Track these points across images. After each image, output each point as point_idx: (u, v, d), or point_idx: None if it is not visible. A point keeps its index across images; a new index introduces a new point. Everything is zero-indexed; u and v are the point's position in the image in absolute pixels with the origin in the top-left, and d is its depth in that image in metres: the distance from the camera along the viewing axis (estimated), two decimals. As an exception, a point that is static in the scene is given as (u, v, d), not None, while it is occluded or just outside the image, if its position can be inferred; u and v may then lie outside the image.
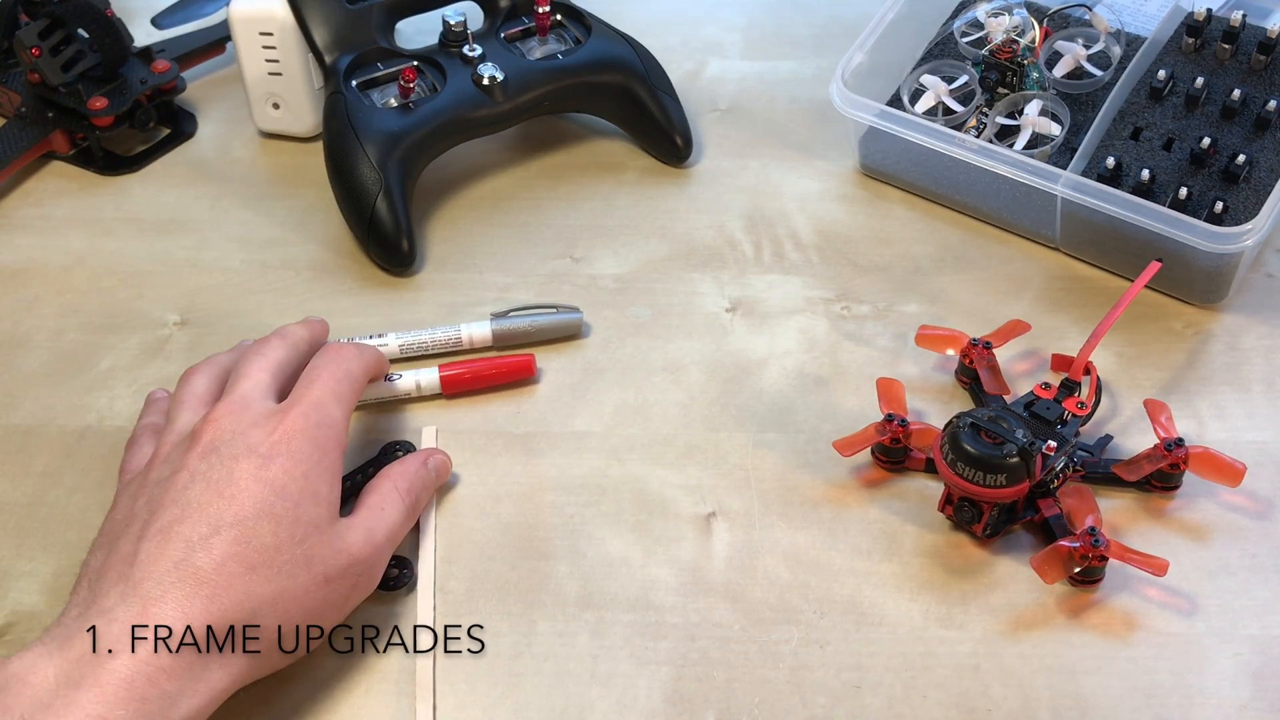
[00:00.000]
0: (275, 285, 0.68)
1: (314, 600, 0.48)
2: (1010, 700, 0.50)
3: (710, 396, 0.62)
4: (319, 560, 0.48)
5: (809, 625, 0.53)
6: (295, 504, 0.48)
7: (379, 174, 0.67)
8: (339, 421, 0.52)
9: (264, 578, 0.47)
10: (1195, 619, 0.52)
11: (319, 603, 0.48)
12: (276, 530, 0.47)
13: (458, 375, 0.62)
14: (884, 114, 0.69)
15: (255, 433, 0.50)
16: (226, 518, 0.47)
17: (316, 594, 0.48)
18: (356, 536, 0.50)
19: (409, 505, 0.54)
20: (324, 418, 0.51)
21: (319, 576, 0.48)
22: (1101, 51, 0.70)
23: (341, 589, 0.49)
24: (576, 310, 0.65)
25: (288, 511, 0.48)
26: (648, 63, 0.75)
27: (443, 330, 0.64)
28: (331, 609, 0.49)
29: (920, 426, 0.58)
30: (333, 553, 0.49)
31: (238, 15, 0.72)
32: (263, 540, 0.47)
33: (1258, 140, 0.65)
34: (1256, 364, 0.63)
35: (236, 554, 0.46)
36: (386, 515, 0.52)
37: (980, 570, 0.54)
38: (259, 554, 0.47)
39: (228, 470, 0.48)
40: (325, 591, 0.49)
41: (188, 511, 0.47)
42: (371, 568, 0.51)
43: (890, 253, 0.69)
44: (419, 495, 0.55)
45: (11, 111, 0.76)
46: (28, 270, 0.70)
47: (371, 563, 0.51)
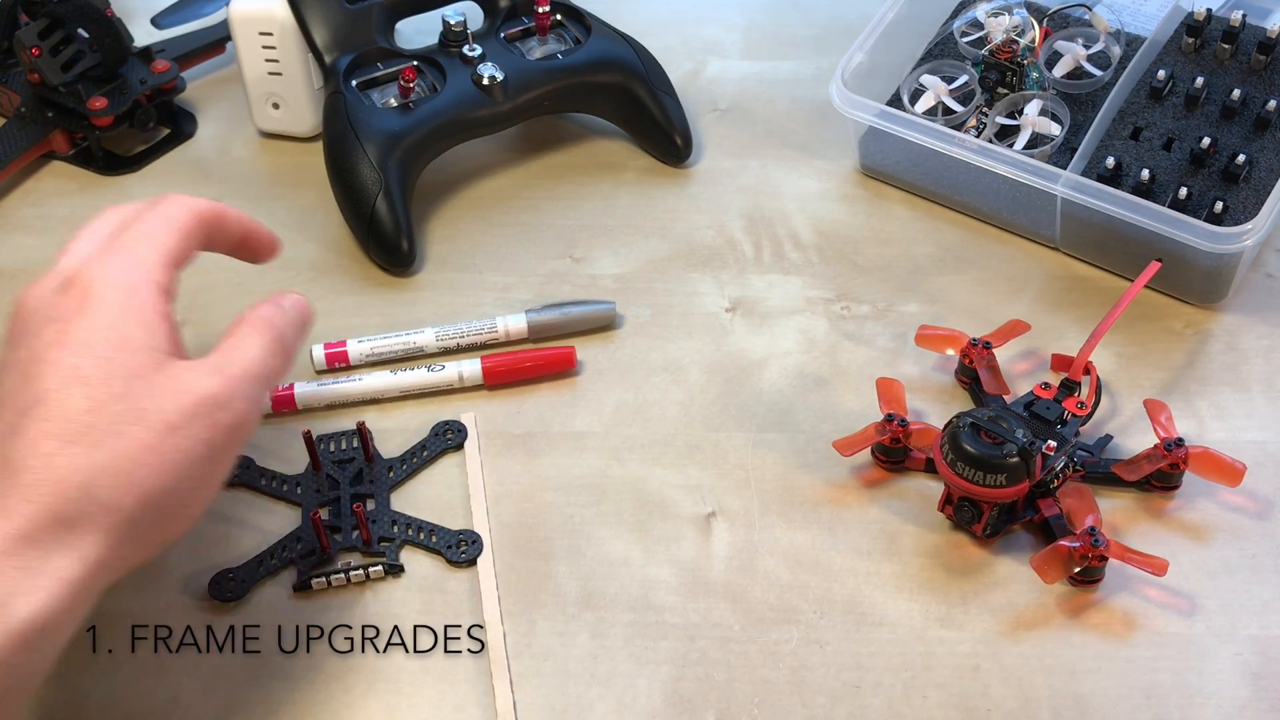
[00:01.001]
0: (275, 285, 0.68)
1: (164, 457, 0.43)
2: (1010, 700, 0.50)
3: (710, 396, 0.62)
4: (154, 409, 0.43)
5: (809, 625, 0.53)
6: (105, 358, 0.43)
7: (379, 174, 0.67)
8: (150, 260, 0.46)
9: (87, 446, 0.42)
10: (1195, 619, 0.52)
11: (173, 457, 0.43)
12: (89, 392, 0.42)
13: (499, 366, 0.62)
14: (884, 114, 0.69)
15: (56, 300, 0.45)
16: (30, 397, 0.43)
17: (164, 448, 0.43)
18: (201, 373, 0.45)
19: (269, 340, 0.48)
20: (131, 260, 0.46)
21: (159, 426, 0.43)
22: (1101, 51, 0.70)
23: (196, 435, 0.44)
24: (610, 302, 0.65)
25: (97, 368, 0.43)
26: (648, 63, 0.75)
27: (479, 323, 0.64)
28: (194, 462, 0.44)
29: (920, 426, 0.58)
30: (170, 395, 0.44)
31: (238, 15, 0.72)
32: (75, 406, 0.42)
33: (1258, 140, 0.65)
34: (1256, 364, 0.63)
35: (48, 431, 0.42)
36: (242, 348, 0.47)
37: (980, 570, 0.54)
38: (73, 424, 0.42)
39: (29, 349, 0.44)
40: (175, 441, 0.43)
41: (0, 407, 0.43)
42: (230, 402, 0.45)
43: (890, 253, 0.69)
44: (282, 331, 0.49)
45: (11, 111, 0.76)
46: (28, 270, 0.70)
47: (229, 397, 0.45)
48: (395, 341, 0.64)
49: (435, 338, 0.64)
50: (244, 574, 0.54)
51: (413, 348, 0.64)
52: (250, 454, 0.59)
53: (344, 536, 0.56)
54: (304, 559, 0.55)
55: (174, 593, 0.54)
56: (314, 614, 0.53)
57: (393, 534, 0.56)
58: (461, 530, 0.56)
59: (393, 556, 0.55)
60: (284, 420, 0.61)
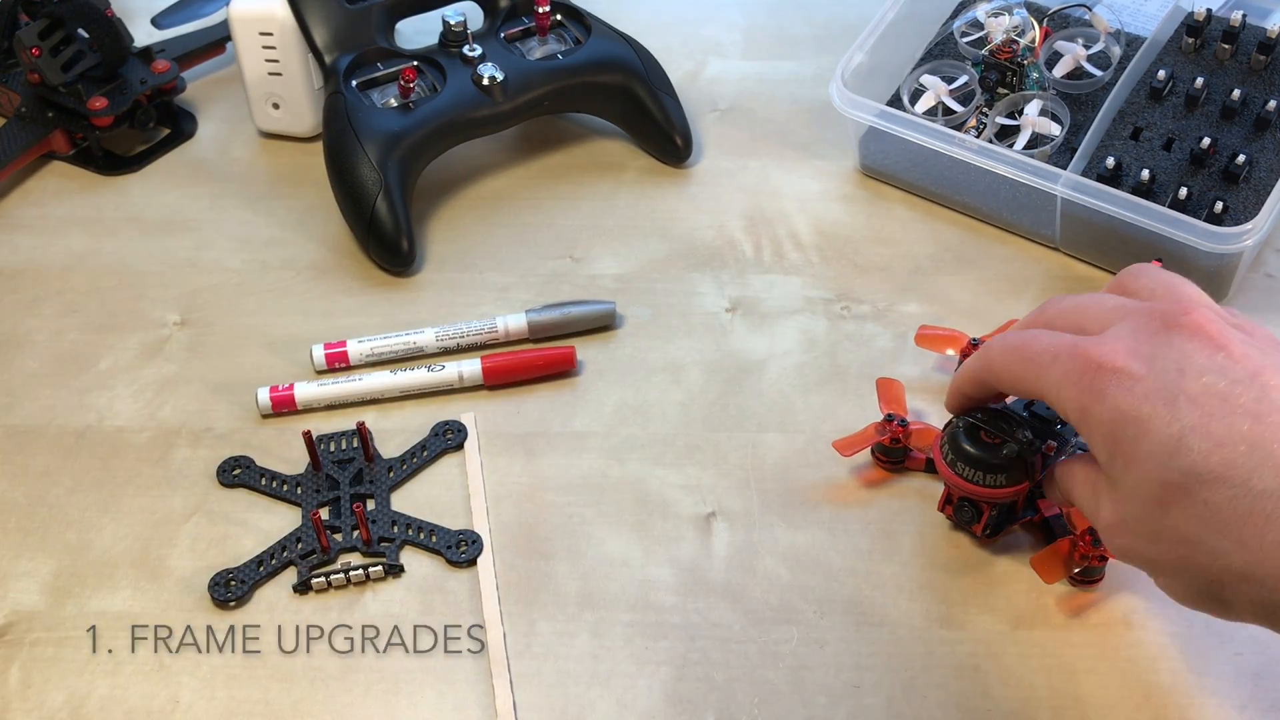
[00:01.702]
0: (275, 285, 0.68)
1: None
2: (1010, 700, 0.50)
3: (710, 396, 0.62)
4: None
5: (809, 625, 0.53)
6: None
7: (379, 174, 0.67)
8: None
9: None
10: (1195, 619, 0.52)
11: None
12: None
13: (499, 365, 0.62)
14: (884, 114, 0.69)
15: None
16: None
17: None
18: None
19: None
20: None
21: None
22: (1101, 51, 0.70)
23: None
24: (610, 302, 0.65)
25: None
26: (648, 63, 0.75)
27: (479, 323, 0.64)
28: None
29: (920, 426, 0.58)
30: None
31: (238, 15, 0.72)
32: None
33: (1258, 140, 0.65)
34: (1256, 364, 0.63)
35: None
36: None
37: (980, 570, 0.54)
38: None
39: None
40: None
41: None
42: None
43: (890, 253, 0.69)
44: None
45: (11, 111, 0.76)
46: (28, 270, 0.70)
47: None
48: (395, 341, 0.64)
49: (435, 338, 0.64)
50: (244, 574, 0.54)
51: (413, 348, 0.64)
52: (250, 454, 0.59)
53: (344, 536, 0.56)
54: (304, 559, 0.55)
55: (174, 593, 0.54)
56: (314, 614, 0.53)
57: (393, 534, 0.56)
58: (461, 530, 0.56)
59: (393, 557, 0.55)
60: (284, 420, 0.61)
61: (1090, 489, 0.46)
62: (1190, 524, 0.42)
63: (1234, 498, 0.40)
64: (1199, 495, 0.41)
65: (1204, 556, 0.42)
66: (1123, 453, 0.43)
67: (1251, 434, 0.41)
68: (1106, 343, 0.44)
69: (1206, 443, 0.41)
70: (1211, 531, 0.41)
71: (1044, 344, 0.46)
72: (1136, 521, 0.43)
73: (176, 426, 0.61)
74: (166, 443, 0.60)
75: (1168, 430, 0.42)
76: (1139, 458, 0.42)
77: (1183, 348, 0.43)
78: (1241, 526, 0.40)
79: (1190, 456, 0.41)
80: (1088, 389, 0.44)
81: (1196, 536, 0.42)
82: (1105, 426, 0.43)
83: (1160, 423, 0.42)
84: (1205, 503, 0.41)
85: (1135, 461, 0.42)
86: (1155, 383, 0.43)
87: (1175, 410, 0.42)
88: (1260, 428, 0.41)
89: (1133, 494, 0.43)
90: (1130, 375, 0.43)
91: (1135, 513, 0.43)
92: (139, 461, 0.59)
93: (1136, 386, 0.43)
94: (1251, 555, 0.40)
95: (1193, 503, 0.41)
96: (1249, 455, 0.41)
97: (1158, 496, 0.42)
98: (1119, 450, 0.43)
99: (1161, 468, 0.42)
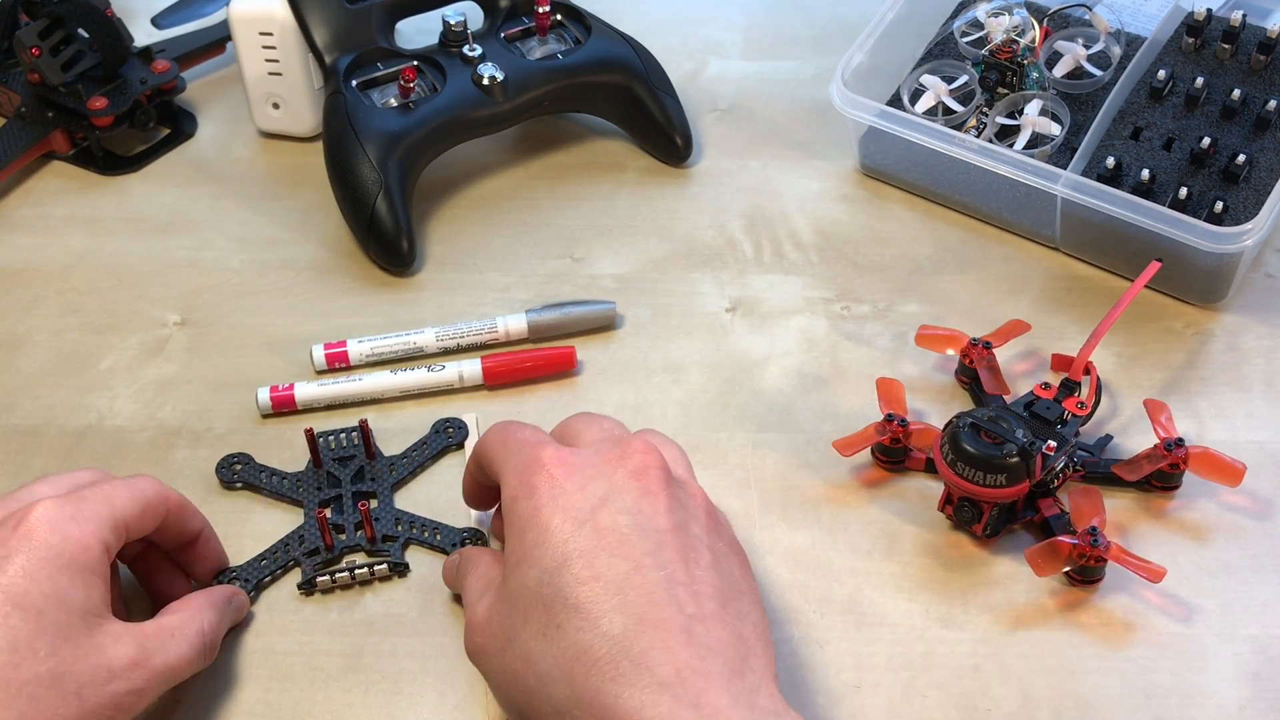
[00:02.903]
0: (275, 285, 0.68)
1: None
2: (1010, 700, 0.50)
3: (710, 396, 0.62)
4: (71, 677, 0.43)
5: (809, 625, 0.53)
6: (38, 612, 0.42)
7: (379, 174, 0.67)
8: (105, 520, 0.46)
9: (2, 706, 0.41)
10: (1195, 619, 0.52)
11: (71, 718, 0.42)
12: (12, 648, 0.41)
13: (500, 365, 0.62)
14: (884, 114, 0.69)
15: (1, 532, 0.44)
16: None
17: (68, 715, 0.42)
18: (126, 650, 0.44)
19: (202, 646, 0.48)
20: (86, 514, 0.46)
21: (69, 694, 0.42)
22: (1101, 51, 0.70)
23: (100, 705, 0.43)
24: (610, 302, 0.65)
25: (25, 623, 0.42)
26: (648, 63, 0.75)
27: (479, 323, 0.64)
28: None
29: (920, 426, 0.58)
30: (89, 668, 0.43)
31: (238, 15, 0.72)
32: None
33: (1258, 140, 0.65)
34: (1256, 364, 0.63)
35: None
36: (176, 644, 0.47)
37: (980, 570, 0.54)
38: None
39: None
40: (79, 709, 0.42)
41: None
42: (143, 694, 0.45)
43: (890, 253, 0.69)
44: (215, 637, 0.49)
45: (11, 111, 0.76)
46: (28, 270, 0.70)
47: (143, 690, 0.45)
48: (395, 341, 0.64)
49: (435, 338, 0.64)
50: (246, 573, 0.54)
51: (413, 348, 0.64)
52: (250, 452, 0.59)
53: (347, 535, 0.56)
54: (308, 557, 0.55)
55: (174, 593, 0.54)
56: (315, 613, 0.53)
57: (396, 532, 0.56)
58: (466, 529, 0.56)
59: (397, 555, 0.55)
60: (284, 420, 0.61)
61: (484, 582, 0.47)
62: (536, 642, 0.42)
63: (580, 630, 0.41)
64: (555, 618, 0.42)
65: (533, 679, 0.42)
66: (521, 552, 0.44)
67: (623, 579, 0.42)
68: (561, 452, 0.46)
69: (585, 571, 0.42)
70: (547, 658, 0.41)
71: (520, 436, 0.47)
72: (499, 623, 0.44)
73: (176, 426, 0.61)
74: (167, 443, 0.60)
75: (563, 547, 0.42)
76: (529, 562, 0.43)
77: (620, 482, 0.44)
78: (574, 662, 0.41)
79: (566, 578, 0.42)
80: (524, 483, 0.45)
81: (535, 657, 0.42)
82: (520, 521, 0.44)
83: (559, 538, 0.43)
84: (558, 628, 0.41)
85: (525, 564, 0.43)
86: (577, 501, 0.44)
87: (578, 532, 0.43)
88: (635, 577, 0.42)
89: (510, 595, 0.44)
90: (560, 485, 0.44)
91: (502, 614, 0.44)
92: (139, 461, 0.59)
93: (561, 498, 0.44)
94: (572, 693, 0.41)
95: (548, 624, 0.42)
96: (610, 597, 0.41)
97: (526, 606, 0.43)
98: (520, 548, 0.44)
99: (540, 580, 0.42)
